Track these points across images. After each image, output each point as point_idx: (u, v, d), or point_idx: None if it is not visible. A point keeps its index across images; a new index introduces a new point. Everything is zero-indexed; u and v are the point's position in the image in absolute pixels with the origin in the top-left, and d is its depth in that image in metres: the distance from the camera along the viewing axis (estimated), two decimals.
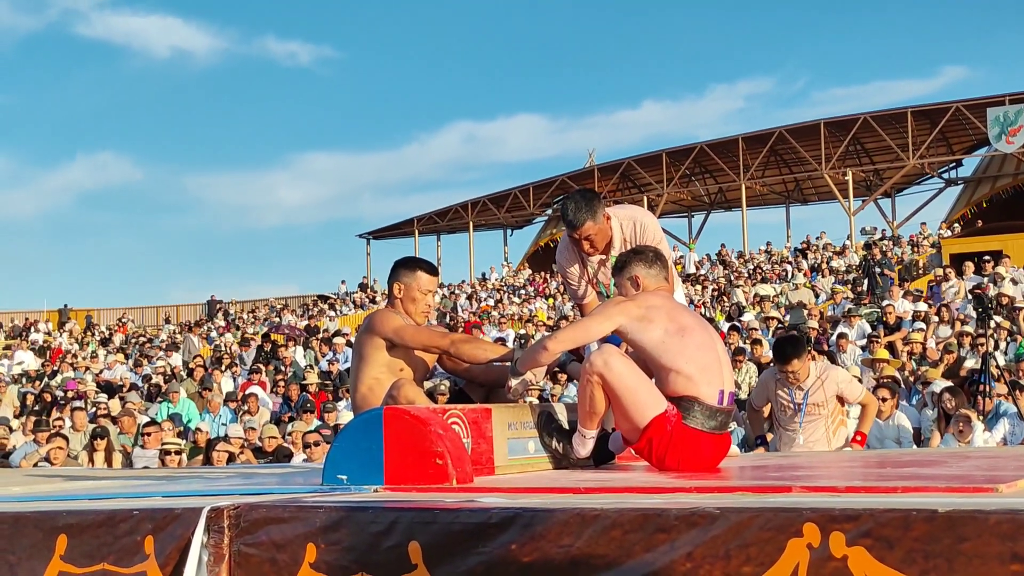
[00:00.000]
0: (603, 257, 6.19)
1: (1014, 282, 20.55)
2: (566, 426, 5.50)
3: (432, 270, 6.02)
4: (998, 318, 16.21)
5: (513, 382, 5.46)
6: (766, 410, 8.85)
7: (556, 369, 6.77)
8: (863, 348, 16.36)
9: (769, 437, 8.86)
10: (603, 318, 5.22)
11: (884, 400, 10.23)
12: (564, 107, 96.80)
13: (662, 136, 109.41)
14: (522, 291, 37.86)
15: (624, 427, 5.17)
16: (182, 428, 16.00)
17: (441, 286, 43.88)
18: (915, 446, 10.60)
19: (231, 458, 12.12)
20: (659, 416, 5.00)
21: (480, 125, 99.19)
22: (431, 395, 6.24)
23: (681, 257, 38.53)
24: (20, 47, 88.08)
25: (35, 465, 12.33)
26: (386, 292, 6.17)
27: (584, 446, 5.32)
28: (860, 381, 10.00)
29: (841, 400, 8.34)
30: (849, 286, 26.01)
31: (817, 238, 38.19)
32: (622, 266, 5.52)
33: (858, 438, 8.21)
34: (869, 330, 17.80)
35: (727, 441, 5.27)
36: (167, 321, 47.39)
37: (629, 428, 5.12)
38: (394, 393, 5.41)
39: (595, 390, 5.08)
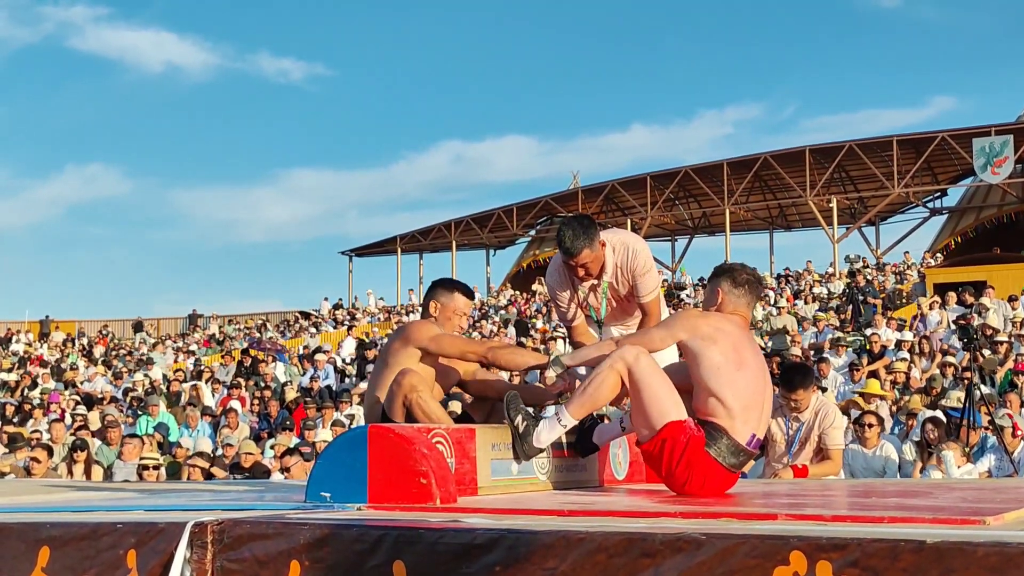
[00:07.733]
0: (595, 282, 6.18)
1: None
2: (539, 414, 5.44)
3: (469, 294, 6.11)
4: (986, 351, 16.26)
5: (551, 373, 5.37)
6: None
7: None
8: (845, 376, 16.32)
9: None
10: (668, 333, 5.23)
11: (870, 426, 10.22)
12: (553, 129, 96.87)
13: (649, 160, 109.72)
14: (503, 311, 37.72)
15: (639, 424, 5.13)
16: (162, 440, 15.96)
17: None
18: (898, 476, 10.57)
19: (209, 475, 12.06)
20: (678, 422, 4.99)
21: (469, 145, 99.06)
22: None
23: (665, 281, 38.49)
24: (14, 59, 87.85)
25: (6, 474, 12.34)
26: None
27: (551, 433, 5.22)
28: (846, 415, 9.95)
29: (819, 448, 8.21)
30: (832, 312, 26.00)
31: (806, 271, 37.78)
32: (715, 274, 5.47)
33: (799, 468, 8.07)
34: (854, 359, 17.81)
35: (736, 478, 5.26)
36: (136, 330, 46.83)
37: (644, 426, 5.08)
38: (400, 380, 5.40)
39: (610, 377, 5.04)
